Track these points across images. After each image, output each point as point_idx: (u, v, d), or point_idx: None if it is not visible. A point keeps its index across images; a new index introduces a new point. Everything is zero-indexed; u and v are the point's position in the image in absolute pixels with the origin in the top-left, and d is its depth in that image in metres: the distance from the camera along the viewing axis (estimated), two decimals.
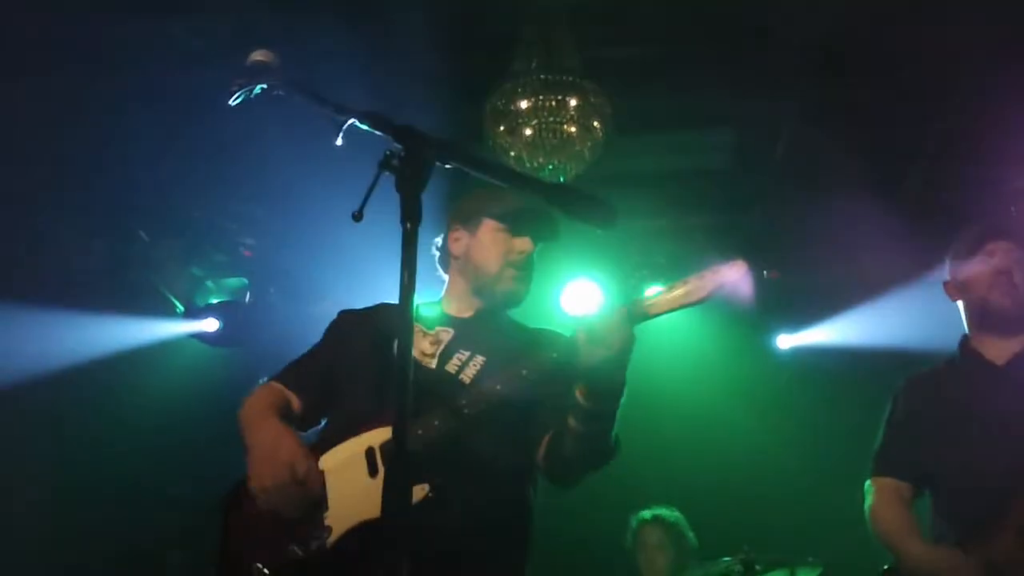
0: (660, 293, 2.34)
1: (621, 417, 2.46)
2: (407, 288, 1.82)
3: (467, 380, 2.63)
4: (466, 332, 2.76)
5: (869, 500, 3.33)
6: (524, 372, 2.45)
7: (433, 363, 2.68)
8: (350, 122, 1.96)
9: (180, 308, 6.26)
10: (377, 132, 1.95)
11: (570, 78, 4.30)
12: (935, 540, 3.17)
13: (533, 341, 2.73)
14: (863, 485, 3.39)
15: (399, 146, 1.92)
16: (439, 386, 2.58)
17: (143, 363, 5.86)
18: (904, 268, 5.54)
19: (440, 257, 2.94)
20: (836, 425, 5.89)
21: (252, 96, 2.04)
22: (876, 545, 3.31)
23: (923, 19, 4.30)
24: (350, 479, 2.49)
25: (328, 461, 2.55)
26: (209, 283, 6.37)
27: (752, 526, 5.51)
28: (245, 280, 6.33)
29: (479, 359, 2.67)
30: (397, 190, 1.88)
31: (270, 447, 2.51)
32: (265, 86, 2.01)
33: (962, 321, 3.40)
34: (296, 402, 2.78)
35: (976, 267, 3.29)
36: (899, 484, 3.27)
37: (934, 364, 3.45)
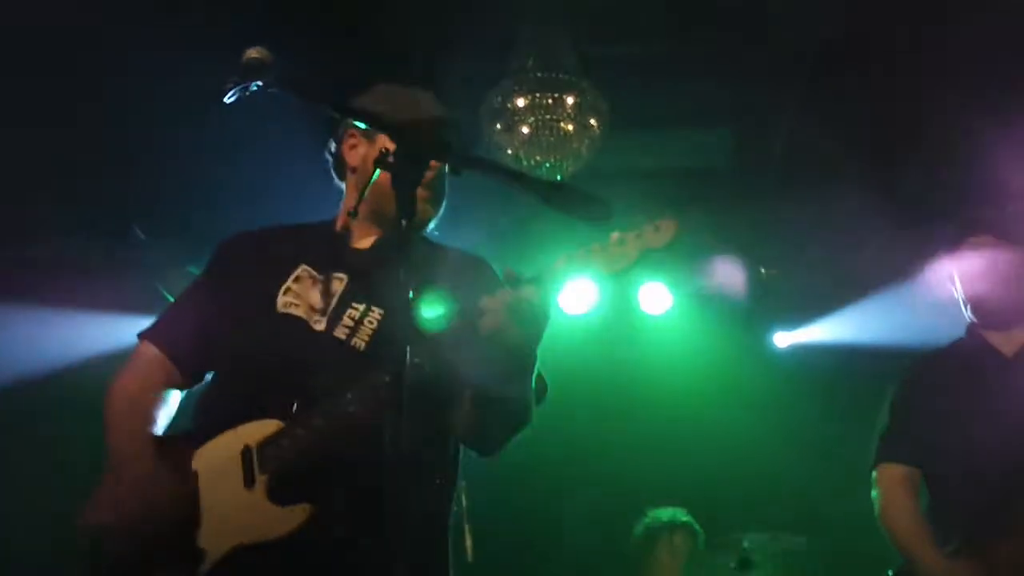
0: (574, 259, 2.06)
1: (618, 414, 2.39)
2: (403, 287, 1.79)
3: (361, 346, 2.26)
4: (363, 273, 2.34)
5: (877, 490, 3.30)
6: (416, 360, 1.89)
7: (322, 324, 2.29)
8: (345, 120, 1.95)
9: None
10: (372, 129, 1.95)
11: (567, 76, 4.30)
12: (932, 525, 3.16)
13: (449, 277, 2.33)
14: (869, 473, 3.36)
15: (395, 143, 1.92)
16: (327, 360, 2.21)
17: None
18: (901, 265, 5.54)
19: (334, 164, 2.55)
20: (834, 423, 5.89)
21: (247, 94, 2.03)
22: (878, 541, 3.31)
23: (922, 18, 4.30)
24: (225, 488, 2.14)
25: (202, 459, 2.21)
26: None
27: (749, 524, 5.52)
28: None
29: (375, 313, 2.28)
30: (393, 187, 1.88)
31: (140, 481, 2.18)
32: (260, 84, 1.99)
33: (959, 315, 3.42)
34: (176, 374, 2.41)
35: (960, 264, 3.30)
36: (907, 470, 3.25)
37: (941, 346, 3.43)
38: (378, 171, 1.93)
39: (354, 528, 2.05)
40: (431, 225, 2.48)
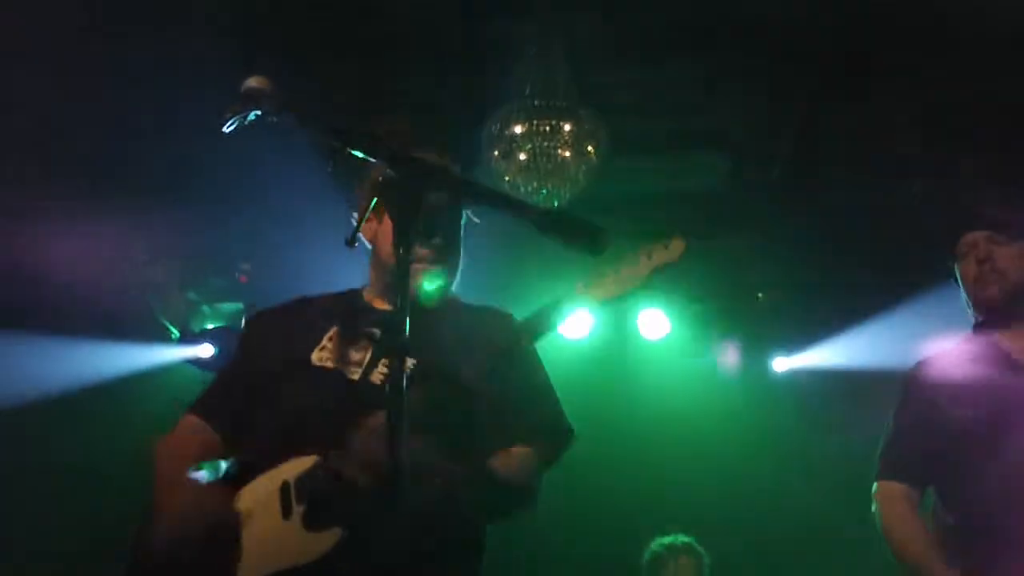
0: (590, 284, 2.16)
1: (617, 439, 2.39)
2: (401, 314, 1.81)
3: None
4: (393, 329, 2.35)
5: (878, 507, 3.17)
6: (447, 394, 2.19)
7: (357, 374, 2.41)
8: (344, 147, 1.96)
9: (175, 333, 6.26)
10: (370, 158, 1.95)
11: (564, 103, 4.32)
12: (939, 537, 3.04)
13: (473, 331, 2.46)
14: (870, 486, 3.23)
15: (393, 172, 1.93)
16: (362, 404, 2.28)
17: (138, 388, 5.84)
18: (901, 288, 5.55)
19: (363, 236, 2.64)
20: (832, 447, 5.88)
21: (246, 122, 2.04)
22: (875, 566, 3.27)
23: (920, 35, 4.32)
24: (264, 523, 2.27)
25: (245, 500, 2.33)
26: (205, 308, 6.37)
27: (749, 548, 5.51)
28: (241, 305, 6.32)
29: (408, 363, 2.31)
30: (391, 218, 1.88)
31: (183, 516, 2.28)
32: (260, 112, 2.01)
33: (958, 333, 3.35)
34: (216, 437, 2.56)
35: (960, 263, 3.24)
36: (906, 490, 3.12)
37: (945, 349, 3.28)
38: (375, 200, 1.94)
39: (383, 549, 2.04)
40: (441, 284, 2.52)
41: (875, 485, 3.21)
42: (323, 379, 2.43)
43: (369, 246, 2.64)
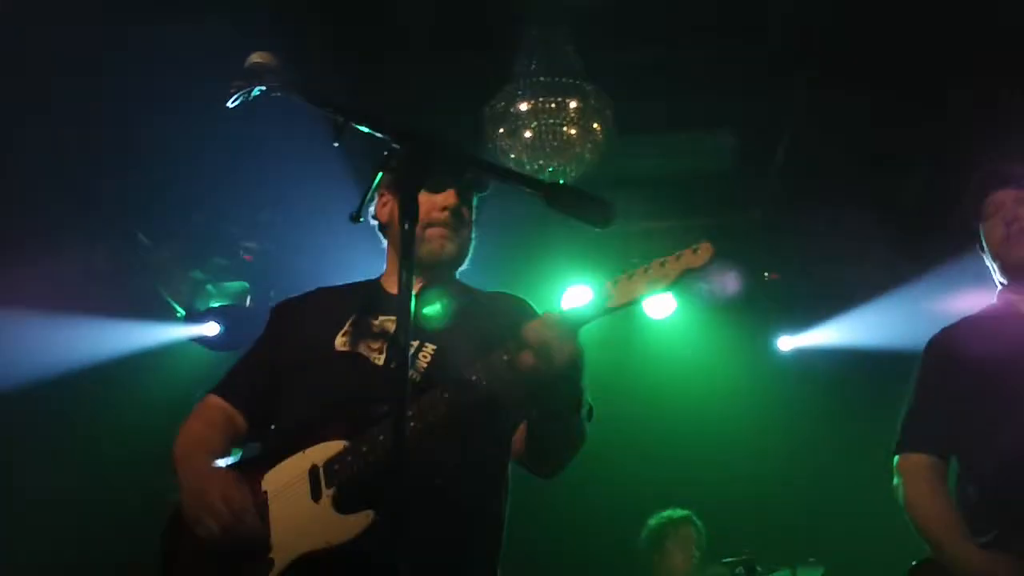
0: (619, 283, 2.16)
1: (623, 419, 2.40)
2: (406, 288, 1.81)
3: (417, 376, 2.40)
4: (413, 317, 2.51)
5: (900, 480, 3.04)
6: (474, 378, 2.24)
7: (380, 359, 2.47)
8: (348, 123, 1.95)
9: (181, 312, 6.27)
10: (375, 133, 1.94)
11: (570, 80, 4.30)
12: (961, 509, 2.94)
13: (489, 315, 2.56)
14: (890, 458, 3.10)
15: (398, 146, 1.92)
16: (387, 387, 2.31)
17: (144, 367, 5.86)
18: (905, 267, 5.54)
19: (377, 227, 2.71)
20: (837, 426, 5.89)
21: (250, 98, 2.03)
22: (879, 546, 3.23)
23: (925, 22, 4.30)
24: (293, 504, 2.32)
25: (271, 481, 2.39)
26: (210, 287, 6.37)
27: (754, 527, 5.52)
28: (246, 284, 6.33)
29: (429, 348, 2.46)
30: (395, 191, 1.88)
31: (199, 491, 2.34)
32: (264, 88, 2.00)
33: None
34: (239, 418, 2.61)
35: (985, 224, 3.13)
36: (932, 460, 2.99)
37: (970, 315, 3.17)
38: (381, 175, 1.93)
39: (413, 532, 2.05)
40: (449, 262, 2.59)
41: (896, 457, 3.09)
42: (348, 364, 2.47)
43: (384, 239, 2.69)
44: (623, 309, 2.16)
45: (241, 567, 2.31)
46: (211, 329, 6.15)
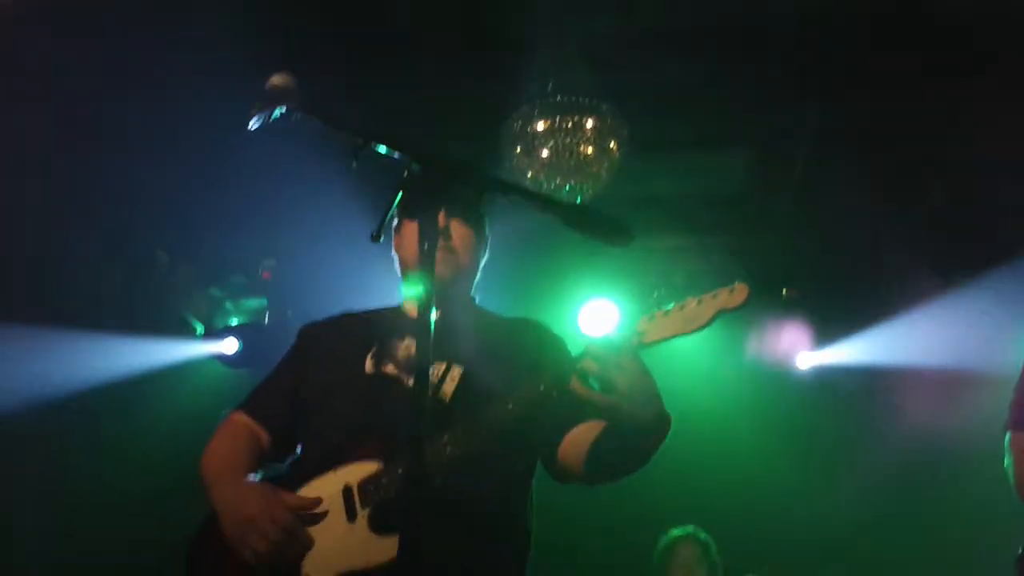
0: (654, 319, 2.17)
1: None
2: (426, 305, 1.83)
3: (446, 398, 2.43)
4: (437, 339, 2.46)
5: (1010, 457, 2.96)
6: (509, 406, 2.26)
7: (410, 379, 2.41)
8: (366, 145, 1.97)
9: (200, 329, 6.30)
10: (394, 154, 1.96)
11: (586, 99, 4.31)
12: None
13: (513, 339, 2.59)
14: (1002, 437, 3.00)
15: (417, 167, 1.93)
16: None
17: (163, 384, 5.89)
18: (924, 285, 5.51)
19: (397, 263, 2.74)
20: (856, 445, 5.85)
21: (270, 120, 2.05)
22: (897, 565, 3.19)
23: (939, 32, 4.28)
24: (327, 523, 2.34)
25: (304, 499, 2.39)
26: (228, 304, 6.41)
27: (772, 546, 5.48)
28: (264, 301, 6.36)
29: (456, 371, 2.47)
30: (413, 214, 1.89)
31: (240, 510, 2.34)
32: (284, 110, 2.02)
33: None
34: (265, 436, 2.61)
35: None
36: None
37: None
38: (400, 195, 1.95)
39: (448, 556, 2.10)
40: (449, 283, 2.56)
41: (1008, 435, 3.00)
42: (379, 386, 2.49)
43: (400, 271, 2.71)
44: (657, 345, 2.17)
45: None
46: (230, 346, 6.19)
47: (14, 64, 4.22)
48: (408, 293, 2.69)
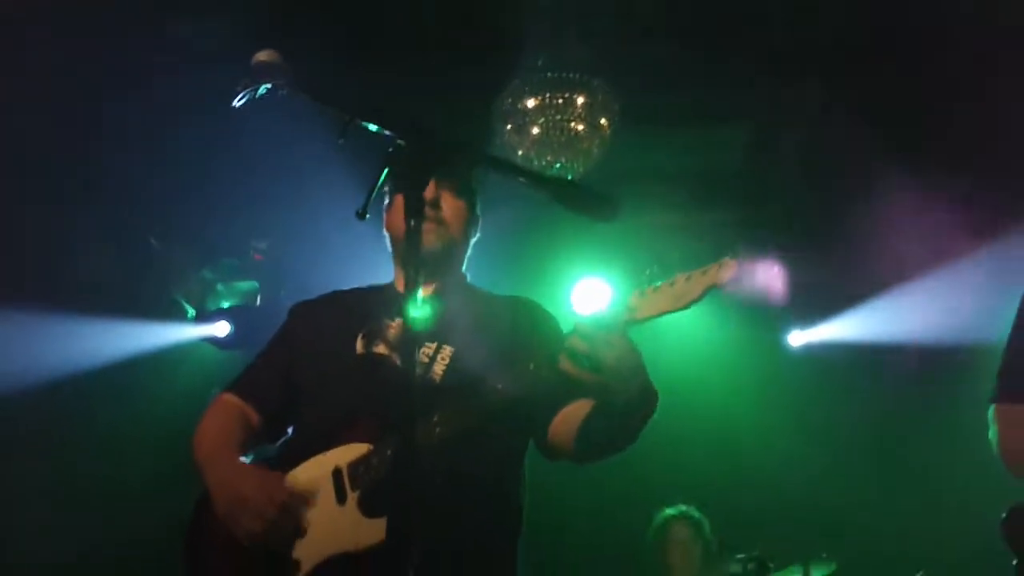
0: (644, 296, 2.12)
1: None
2: (412, 284, 1.82)
3: (437, 378, 2.42)
4: (427, 317, 2.51)
5: (997, 431, 2.90)
6: (500, 386, 2.24)
7: (400, 360, 2.45)
8: (353, 120, 1.95)
9: (191, 312, 6.29)
10: (381, 130, 1.95)
11: (577, 75, 4.29)
12: None
13: (505, 318, 2.55)
14: (985, 409, 2.93)
15: (403, 143, 1.92)
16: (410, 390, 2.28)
17: (155, 367, 5.88)
18: (916, 261, 5.51)
19: (388, 239, 2.70)
20: (848, 422, 5.87)
21: (257, 97, 2.03)
22: (891, 542, 3.19)
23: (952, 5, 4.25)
24: (317, 506, 2.32)
25: (295, 481, 2.37)
26: (220, 287, 6.39)
27: (765, 523, 5.51)
28: (256, 283, 6.35)
29: (447, 351, 2.45)
30: (401, 188, 1.88)
31: (234, 489, 2.33)
32: (270, 86, 2.00)
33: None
34: (255, 417, 2.59)
35: None
36: None
37: None
38: (387, 170, 1.93)
39: (438, 537, 2.05)
40: (439, 255, 2.53)
41: (992, 408, 2.95)
42: (369, 367, 2.47)
43: (390, 246, 2.67)
44: (647, 322, 2.13)
45: (264, 568, 2.30)
46: (222, 329, 6.18)
47: (14, 64, 4.20)
48: (399, 270, 2.66)
